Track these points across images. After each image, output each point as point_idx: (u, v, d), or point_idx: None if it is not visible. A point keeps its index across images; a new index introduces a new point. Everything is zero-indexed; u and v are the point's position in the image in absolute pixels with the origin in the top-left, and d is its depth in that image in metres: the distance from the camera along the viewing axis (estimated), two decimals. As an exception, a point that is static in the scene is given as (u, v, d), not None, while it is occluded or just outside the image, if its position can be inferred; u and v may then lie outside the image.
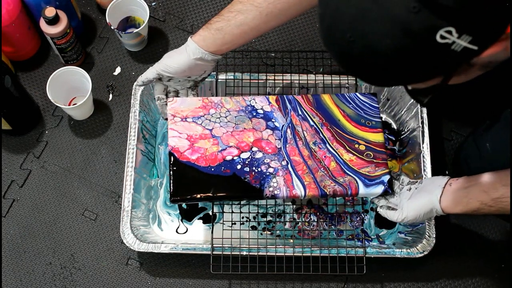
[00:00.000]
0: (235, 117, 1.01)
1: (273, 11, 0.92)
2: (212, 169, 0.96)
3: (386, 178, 0.98)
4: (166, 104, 1.02)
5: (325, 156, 0.99)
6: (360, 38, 0.58)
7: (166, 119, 1.01)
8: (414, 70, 0.60)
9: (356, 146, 1.00)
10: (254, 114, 1.02)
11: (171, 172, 0.96)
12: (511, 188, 0.82)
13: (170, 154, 0.97)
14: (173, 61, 0.98)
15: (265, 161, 0.98)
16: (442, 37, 0.56)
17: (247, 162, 0.97)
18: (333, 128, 1.02)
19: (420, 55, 0.58)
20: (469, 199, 0.88)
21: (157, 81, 1.03)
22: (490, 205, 0.86)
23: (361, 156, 1.00)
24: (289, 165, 0.97)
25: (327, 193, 0.96)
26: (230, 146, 0.98)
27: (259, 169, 0.97)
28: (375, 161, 0.99)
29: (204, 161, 0.97)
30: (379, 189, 0.97)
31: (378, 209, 1.00)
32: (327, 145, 1.00)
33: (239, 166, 0.97)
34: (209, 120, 1.00)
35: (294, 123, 1.01)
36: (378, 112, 1.04)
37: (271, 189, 0.95)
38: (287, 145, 0.99)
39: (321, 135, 1.00)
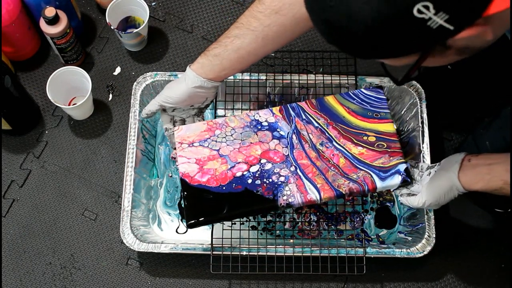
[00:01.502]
0: (241, 133, 1.00)
1: (269, 34, 0.92)
2: (224, 188, 0.95)
3: (402, 167, 0.96)
4: (174, 134, 1.02)
5: (333, 154, 0.98)
6: (340, 3, 0.59)
7: (175, 148, 1.01)
8: (390, 42, 0.61)
9: (365, 138, 0.99)
10: (259, 127, 1.01)
11: (184, 198, 0.96)
12: (511, 178, 0.82)
13: (182, 180, 0.97)
14: (173, 91, 0.99)
15: (275, 171, 0.96)
16: (419, 11, 0.57)
17: (257, 175, 0.96)
18: (338, 125, 1.00)
19: (397, 27, 0.59)
20: (492, 177, 0.86)
21: (162, 112, 1.04)
22: None
23: (372, 148, 0.98)
24: (298, 170, 0.96)
25: (343, 192, 0.94)
26: (239, 162, 0.97)
27: (270, 180, 0.96)
28: (389, 150, 0.98)
29: (214, 181, 0.96)
30: (397, 179, 0.95)
31: (399, 198, 0.99)
32: (334, 142, 0.99)
33: (250, 180, 0.96)
34: (215, 141, 1.00)
35: (299, 128, 1.00)
36: (386, 103, 1.02)
37: (285, 197, 0.94)
38: (294, 151, 0.98)
39: (326, 134, 0.99)
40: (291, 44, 1.28)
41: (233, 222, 1.09)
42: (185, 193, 0.95)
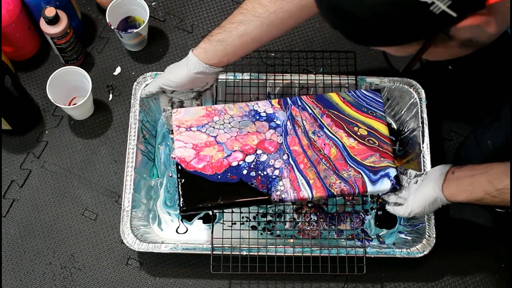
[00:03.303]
0: (239, 122, 1.02)
1: (274, 20, 0.93)
2: (219, 177, 0.97)
3: (392, 172, 0.97)
4: (172, 115, 1.03)
5: (324, 144, 0.99)
6: None
7: (172, 131, 1.02)
8: (394, 27, 0.61)
9: (356, 129, 1.01)
10: (257, 117, 1.02)
11: (179, 184, 0.97)
12: (511, 181, 0.82)
13: (177, 165, 0.98)
14: (174, 75, 1.00)
15: (269, 163, 0.98)
16: None
17: (252, 166, 0.97)
18: (331, 111, 1.02)
19: (401, 11, 0.59)
20: (474, 188, 0.87)
21: (161, 93, 1.05)
22: (494, 196, 0.85)
23: (363, 142, 0.99)
24: (290, 159, 0.98)
25: (335, 193, 0.96)
26: (235, 151, 0.99)
27: (265, 173, 0.97)
28: (380, 149, 0.99)
29: (210, 169, 0.97)
30: (386, 184, 0.97)
31: (386, 207, 1.00)
32: (325, 129, 1.00)
33: (245, 171, 0.97)
34: (213, 127, 1.01)
35: (294, 115, 1.02)
36: (382, 106, 1.04)
37: (278, 193, 0.95)
38: (288, 137, 1.00)
39: (319, 122, 1.01)
40: (291, 44, 1.28)
41: (233, 222, 1.09)
42: (181, 179, 0.97)
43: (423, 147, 1.09)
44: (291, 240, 1.09)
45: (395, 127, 1.20)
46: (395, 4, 0.58)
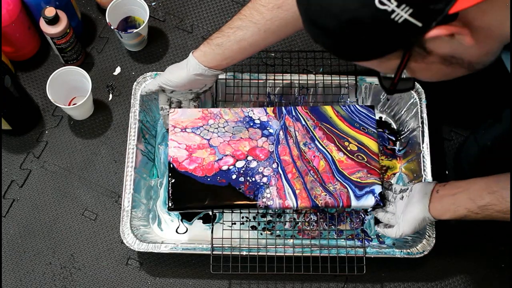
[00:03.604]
0: (233, 127, 1.04)
1: (271, 27, 0.94)
2: (208, 179, 0.99)
3: (377, 189, 0.99)
4: (168, 115, 1.06)
5: (314, 156, 1.01)
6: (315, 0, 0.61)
7: (168, 129, 1.05)
8: (362, 37, 0.61)
9: (346, 143, 1.02)
10: (251, 124, 1.04)
11: (170, 183, 1.00)
12: (511, 191, 0.82)
13: (169, 164, 1.01)
14: (174, 76, 1.02)
15: (259, 170, 1.00)
16: (381, 2, 0.57)
17: (242, 172, 1.00)
18: (323, 124, 1.04)
19: (365, 20, 0.59)
20: (457, 207, 0.89)
21: (160, 92, 1.07)
22: (477, 212, 0.87)
23: (352, 157, 1.01)
24: (279, 168, 1.00)
25: (319, 204, 0.98)
26: (226, 155, 1.01)
27: (253, 179, 0.99)
28: (368, 166, 1.01)
29: (201, 171, 1.00)
30: (371, 201, 0.99)
31: (376, 228, 1.03)
32: (316, 142, 1.02)
33: (234, 176, 1.00)
34: (208, 130, 1.03)
35: (287, 125, 1.04)
36: (374, 122, 1.05)
37: (264, 200, 0.98)
38: (279, 146, 1.02)
39: (311, 133, 1.03)
40: (291, 44, 1.28)
41: (233, 222, 1.09)
42: (172, 179, 1.00)
43: (423, 147, 1.09)
44: (291, 240, 1.09)
45: (395, 127, 1.20)
46: (358, 12, 0.58)
